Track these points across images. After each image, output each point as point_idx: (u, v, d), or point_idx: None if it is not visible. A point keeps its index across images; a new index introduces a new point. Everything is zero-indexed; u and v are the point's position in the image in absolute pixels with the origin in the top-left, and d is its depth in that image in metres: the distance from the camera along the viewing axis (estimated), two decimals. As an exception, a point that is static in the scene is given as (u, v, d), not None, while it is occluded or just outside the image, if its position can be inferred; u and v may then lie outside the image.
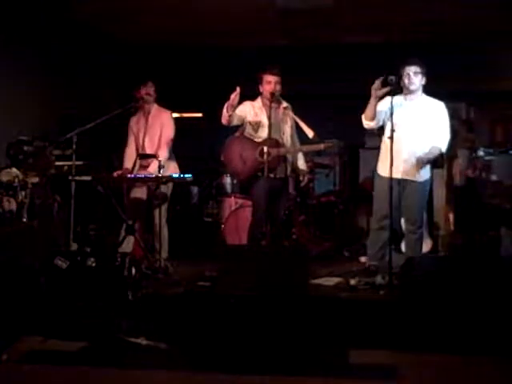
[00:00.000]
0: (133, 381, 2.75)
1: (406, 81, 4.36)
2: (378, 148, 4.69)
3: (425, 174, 4.48)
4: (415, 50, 6.40)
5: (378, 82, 4.24)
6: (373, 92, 4.26)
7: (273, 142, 4.48)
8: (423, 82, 4.41)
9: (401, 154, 4.36)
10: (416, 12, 5.77)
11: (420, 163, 4.34)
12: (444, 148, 4.40)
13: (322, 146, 4.53)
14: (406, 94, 4.42)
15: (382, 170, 4.56)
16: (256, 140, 4.58)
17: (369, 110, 4.38)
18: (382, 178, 4.55)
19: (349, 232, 6.11)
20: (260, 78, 4.59)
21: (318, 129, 4.57)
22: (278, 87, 4.55)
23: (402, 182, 4.41)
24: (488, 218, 5.23)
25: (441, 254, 5.78)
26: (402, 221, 4.78)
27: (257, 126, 4.60)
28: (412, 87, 4.36)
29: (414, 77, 4.34)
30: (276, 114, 4.57)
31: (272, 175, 4.49)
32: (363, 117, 4.46)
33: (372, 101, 4.31)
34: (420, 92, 4.45)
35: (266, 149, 4.43)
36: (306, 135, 4.67)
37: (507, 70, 6.95)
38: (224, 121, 4.48)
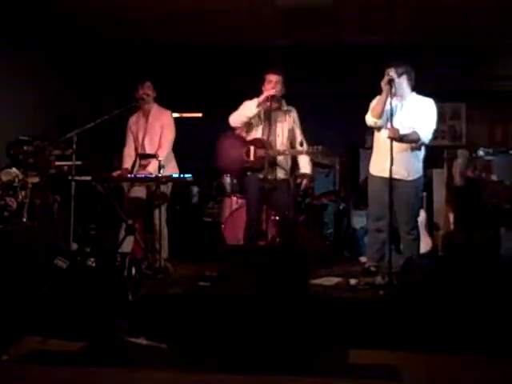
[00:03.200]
0: (133, 381, 2.74)
1: (384, 81, 4.29)
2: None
3: (415, 172, 4.45)
4: (415, 50, 6.45)
5: (386, 78, 4.24)
6: (383, 87, 4.24)
7: (262, 142, 4.49)
8: (404, 82, 4.36)
9: (388, 154, 4.34)
10: (416, 12, 5.77)
11: (393, 134, 4.20)
12: (424, 137, 4.34)
13: (303, 152, 4.55)
14: (394, 95, 4.35)
15: (373, 169, 4.57)
16: (247, 139, 4.62)
17: (378, 106, 4.33)
18: (373, 177, 4.55)
19: (349, 232, 6.12)
20: (263, 78, 4.63)
21: (317, 129, 4.58)
22: (279, 86, 4.57)
23: (391, 182, 4.39)
24: (488, 217, 5.23)
25: (441, 254, 5.79)
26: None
27: (250, 126, 4.64)
28: (391, 89, 4.29)
29: (394, 77, 4.28)
30: (274, 115, 4.57)
31: (261, 176, 4.50)
32: (369, 114, 4.41)
33: (383, 96, 4.28)
34: (407, 92, 4.41)
35: (252, 148, 4.46)
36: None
37: (507, 70, 6.97)
38: (237, 122, 4.60)
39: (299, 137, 4.70)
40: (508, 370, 2.82)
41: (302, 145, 4.52)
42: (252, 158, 4.47)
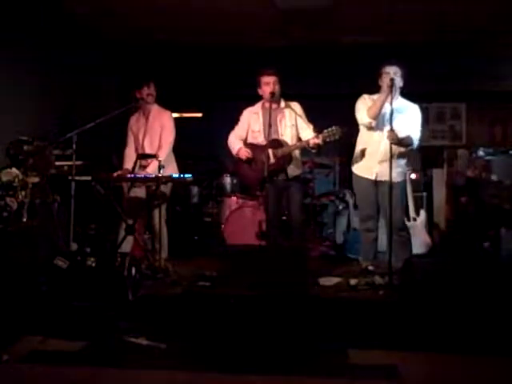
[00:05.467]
0: (133, 381, 2.74)
1: (386, 81, 4.25)
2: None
3: (400, 175, 4.44)
4: (415, 50, 6.45)
5: (388, 79, 4.19)
6: (385, 88, 4.21)
7: (279, 142, 4.49)
8: (401, 83, 4.33)
9: (376, 155, 4.35)
10: (416, 12, 5.77)
11: (391, 138, 4.16)
12: (416, 143, 4.36)
13: (320, 138, 4.48)
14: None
15: (358, 169, 4.54)
16: (257, 144, 4.60)
17: (376, 107, 4.29)
18: (359, 178, 4.53)
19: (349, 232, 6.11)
20: (258, 81, 4.60)
21: (317, 129, 4.55)
22: (277, 87, 4.56)
23: (377, 183, 4.40)
24: (488, 217, 5.23)
25: (440, 254, 5.79)
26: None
27: (253, 131, 4.64)
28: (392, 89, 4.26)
29: (395, 77, 4.24)
30: (274, 115, 4.56)
31: (275, 177, 4.50)
32: (366, 114, 4.37)
33: (382, 98, 4.24)
34: (398, 94, 4.36)
35: (270, 151, 4.43)
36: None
37: (507, 70, 6.97)
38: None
39: (303, 127, 4.55)
40: (508, 370, 2.82)
41: (314, 130, 4.41)
42: (272, 159, 4.45)
